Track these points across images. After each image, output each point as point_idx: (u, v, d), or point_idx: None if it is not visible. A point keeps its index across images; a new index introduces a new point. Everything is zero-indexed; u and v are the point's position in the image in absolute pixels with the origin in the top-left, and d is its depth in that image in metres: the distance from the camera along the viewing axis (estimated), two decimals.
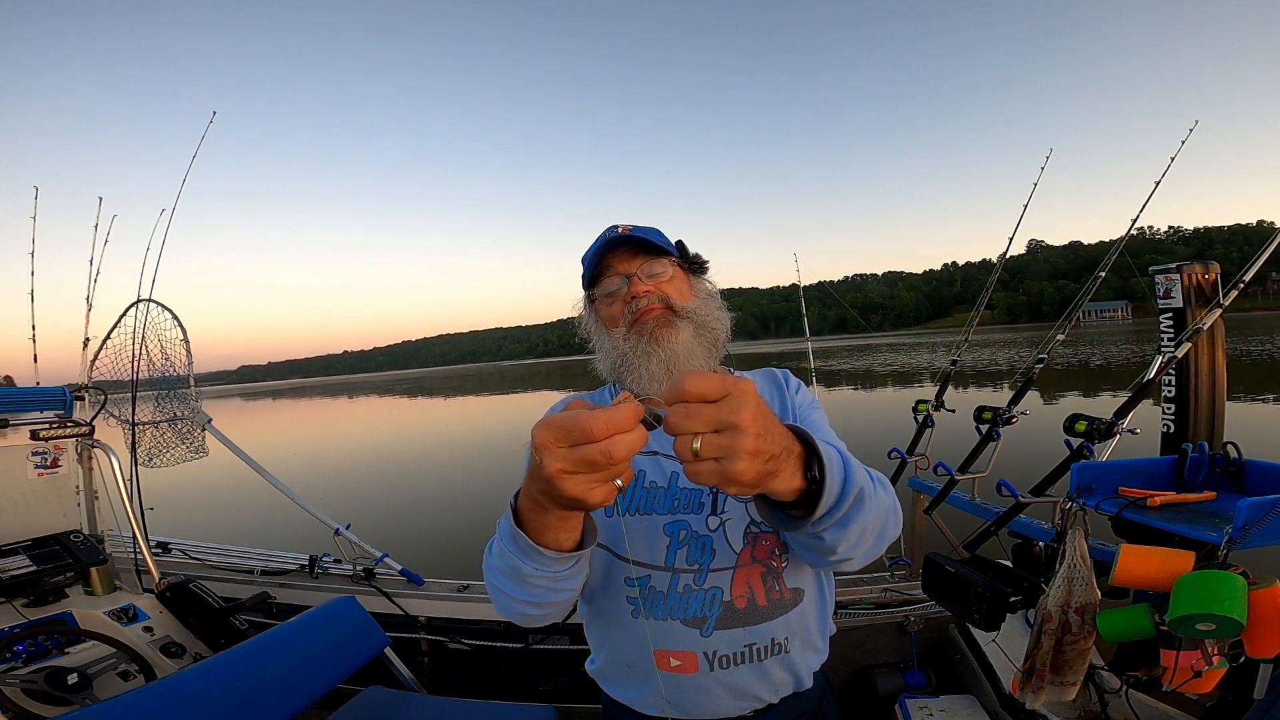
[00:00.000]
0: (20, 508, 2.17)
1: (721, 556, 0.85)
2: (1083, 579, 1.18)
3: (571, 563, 0.68)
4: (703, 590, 0.84)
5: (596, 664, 0.98)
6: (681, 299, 0.92)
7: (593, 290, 0.95)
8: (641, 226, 0.94)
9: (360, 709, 1.70)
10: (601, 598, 0.90)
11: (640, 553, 0.86)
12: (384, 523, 6.96)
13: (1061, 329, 2.48)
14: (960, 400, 2.87)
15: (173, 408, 2.69)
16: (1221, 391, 2.05)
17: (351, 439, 18.73)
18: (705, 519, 0.87)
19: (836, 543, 0.64)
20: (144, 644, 1.92)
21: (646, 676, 0.88)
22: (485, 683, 2.23)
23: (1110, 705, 1.43)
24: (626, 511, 0.88)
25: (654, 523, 0.87)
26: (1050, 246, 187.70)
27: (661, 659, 0.85)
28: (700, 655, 0.84)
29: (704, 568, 0.85)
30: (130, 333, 2.63)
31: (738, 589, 0.85)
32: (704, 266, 1.00)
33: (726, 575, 0.85)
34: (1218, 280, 2.01)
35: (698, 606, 0.84)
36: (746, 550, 0.86)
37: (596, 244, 0.94)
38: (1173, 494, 1.48)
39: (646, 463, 0.91)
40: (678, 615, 0.84)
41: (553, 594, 0.71)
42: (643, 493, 0.89)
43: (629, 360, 0.89)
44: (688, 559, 0.85)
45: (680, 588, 0.85)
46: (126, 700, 1.33)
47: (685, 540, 0.86)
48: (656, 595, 0.85)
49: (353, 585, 2.38)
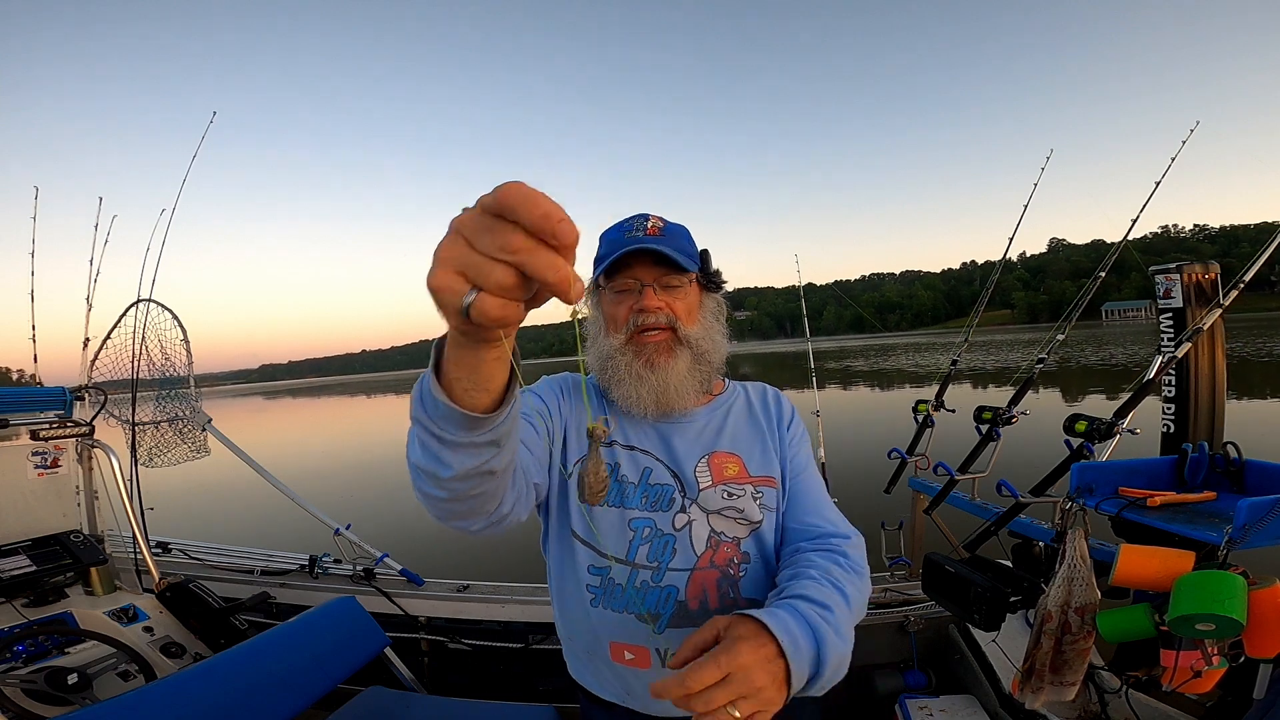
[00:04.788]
0: (20, 508, 2.17)
1: (682, 557, 0.86)
2: (1083, 579, 1.18)
3: (488, 429, 0.55)
4: (659, 588, 0.85)
5: (565, 645, 0.98)
6: (689, 321, 0.91)
7: (604, 280, 0.93)
8: (672, 226, 0.93)
9: (360, 709, 1.70)
10: (566, 581, 0.92)
11: (602, 542, 0.87)
12: (384, 523, 6.95)
13: (1061, 330, 2.48)
14: (975, 399, 2.86)
15: (173, 408, 2.69)
16: (1221, 391, 2.05)
17: (353, 438, 18.73)
18: (673, 517, 0.88)
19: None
20: (144, 644, 1.92)
21: (603, 667, 0.89)
22: (485, 683, 2.23)
23: (1110, 705, 1.43)
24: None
25: (622, 516, 0.88)
26: (1072, 245, 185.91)
27: (616, 651, 0.87)
28: (653, 651, 0.85)
29: (663, 566, 0.86)
30: (130, 333, 2.62)
31: (693, 590, 0.85)
32: (720, 285, 0.99)
33: (683, 576, 0.86)
34: (1218, 280, 2.01)
35: (652, 603, 0.85)
36: (707, 554, 0.87)
37: (620, 236, 0.90)
38: (1173, 494, 1.48)
39: (623, 455, 0.92)
40: (633, 610, 0.85)
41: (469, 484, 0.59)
42: (615, 485, 0.89)
43: (620, 375, 0.90)
44: (648, 556, 0.87)
45: (638, 583, 0.86)
46: (126, 700, 1.33)
47: (649, 537, 0.87)
48: (615, 588, 0.86)
49: (353, 585, 2.38)
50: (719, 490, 0.90)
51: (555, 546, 0.94)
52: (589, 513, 0.89)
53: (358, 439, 18.50)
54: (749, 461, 0.94)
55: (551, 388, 0.97)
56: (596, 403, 0.98)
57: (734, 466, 0.93)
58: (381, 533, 5.83)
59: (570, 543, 0.90)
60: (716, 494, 0.90)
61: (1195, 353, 1.97)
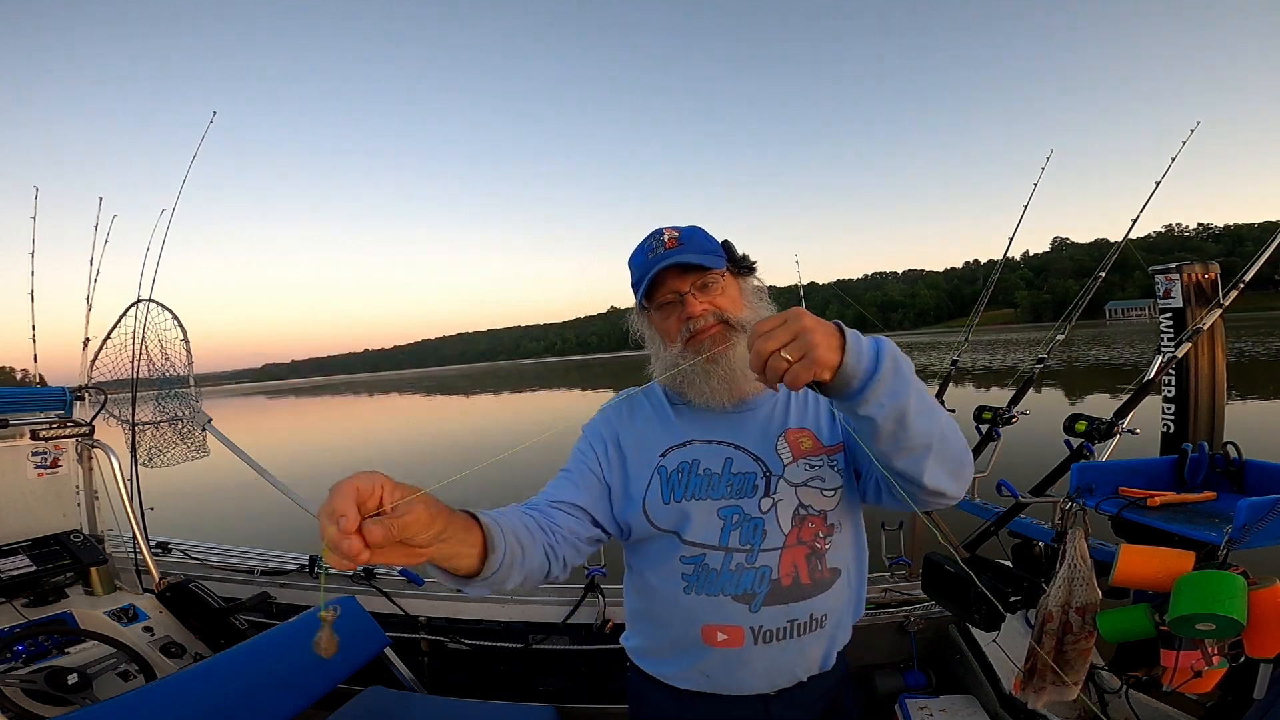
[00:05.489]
0: (20, 508, 2.17)
1: (771, 537, 0.92)
2: (1083, 579, 1.18)
3: (478, 582, 0.73)
4: (753, 568, 0.91)
5: (634, 641, 1.06)
6: (735, 310, 0.96)
7: (646, 301, 0.98)
8: (687, 231, 0.97)
9: (360, 709, 1.70)
10: (654, 576, 0.97)
11: (696, 534, 0.93)
12: None
13: (1061, 330, 2.48)
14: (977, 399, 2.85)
15: (173, 408, 2.69)
16: (1221, 391, 2.05)
17: (356, 438, 18.73)
18: (758, 502, 0.93)
19: (893, 420, 0.70)
20: (144, 644, 1.92)
21: (689, 651, 0.95)
22: (485, 683, 2.23)
23: (1110, 705, 1.43)
24: (685, 497, 0.94)
25: (709, 507, 0.93)
26: (1076, 244, 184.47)
27: (709, 634, 0.92)
28: (747, 630, 0.91)
29: (755, 548, 0.92)
30: (130, 333, 2.62)
31: (785, 567, 0.91)
32: (752, 267, 1.03)
33: (775, 555, 0.91)
34: (1217, 280, 2.01)
35: (748, 583, 0.91)
36: (794, 532, 0.93)
37: (645, 258, 0.96)
38: (1173, 494, 1.48)
39: (701, 450, 0.97)
40: (729, 591, 0.91)
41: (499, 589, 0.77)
42: (698, 479, 0.95)
43: (689, 376, 0.95)
44: (740, 539, 0.92)
45: (733, 566, 0.91)
46: (126, 700, 1.33)
47: (738, 523, 0.92)
48: (710, 573, 0.92)
49: (353, 585, 2.38)
50: (801, 465, 0.96)
51: (640, 549, 0.99)
52: (679, 508, 0.94)
53: (359, 438, 18.51)
54: (819, 433, 0.99)
55: (595, 438, 1.02)
56: (661, 413, 1.03)
57: (808, 440, 0.98)
58: None
59: (658, 541, 0.95)
60: (799, 469, 0.95)
61: (1195, 353, 1.97)
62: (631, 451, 0.99)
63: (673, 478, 0.95)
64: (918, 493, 0.80)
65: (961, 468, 0.81)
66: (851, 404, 0.71)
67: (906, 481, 0.79)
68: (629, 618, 1.08)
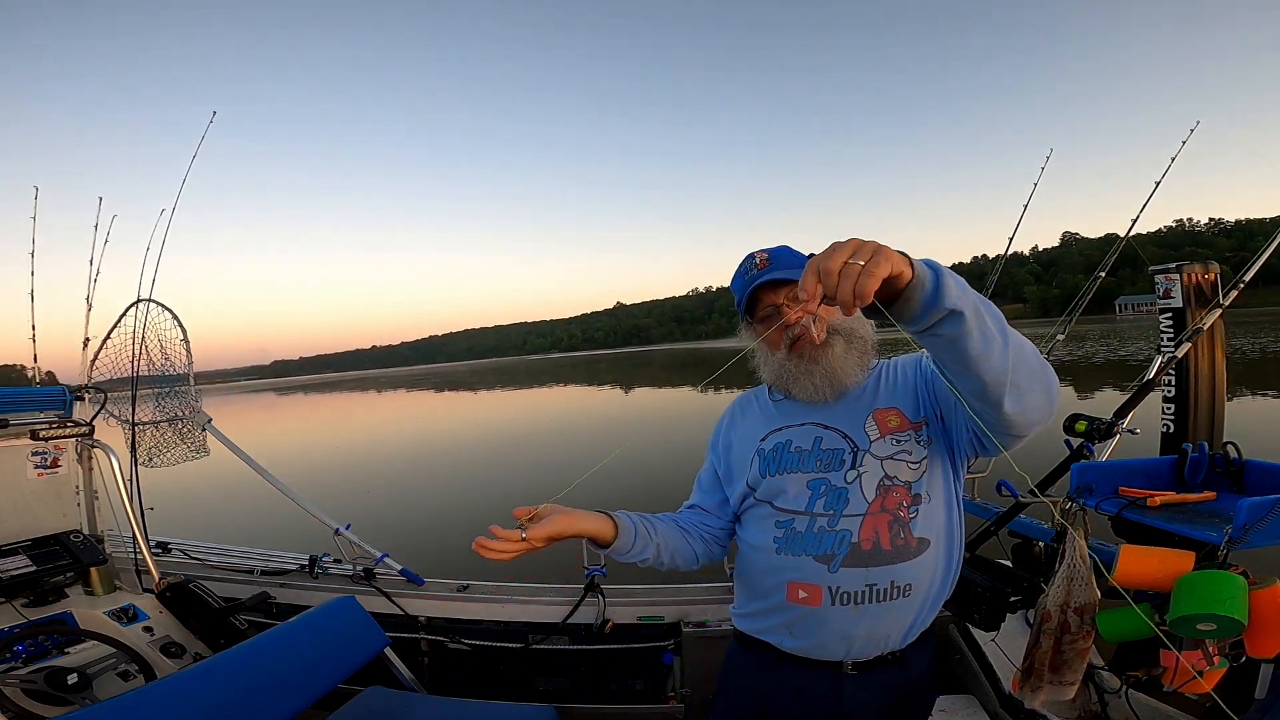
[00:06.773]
0: (20, 508, 2.17)
1: (854, 505, 0.99)
2: (1083, 579, 1.18)
3: (621, 549, 1.04)
4: (834, 532, 0.99)
5: (737, 606, 1.18)
6: (828, 313, 1.04)
7: (750, 317, 1.10)
8: (775, 252, 1.08)
9: (360, 709, 1.70)
10: (753, 537, 1.09)
11: (787, 502, 1.04)
12: (384, 522, 6.95)
13: (1063, 329, 2.48)
14: None
15: (173, 407, 2.68)
16: (1221, 391, 2.05)
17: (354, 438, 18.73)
18: (844, 474, 1.02)
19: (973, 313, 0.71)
20: (144, 644, 1.91)
21: (776, 608, 1.04)
22: (485, 683, 2.23)
23: (1110, 705, 1.43)
24: (778, 471, 1.06)
25: (800, 479, 1.04)
26: (1085, 239, 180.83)
27: (792, 591, 1.01)
28: (825, 589, 0.98)
29: (838, 513, 0.99)
30: (130, 333, 2.62)
31: (865, 533, 0.98)
32: None
33: (856, 520, 0.98)
34: (1217, 280, 2.01)
35: (829, 545, 0.98)
36: (878, 501, 0.99)
37: (740, 281, 1.09)
38: (1173, 494, 1.48)
39: (794, 432, 1.08)
40: (811, 552, 0.99)
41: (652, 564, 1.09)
42: (791, 456, 1.06)
43: (795, 378, 1.05)
44: (824, 506, 1.01)
45: (816, 529, 1.00)
46: (126, 700, 1.33)
47: (824, 493, 1.02)
48: (796, 535, 1.02)
49: (353, 585, 2.38)
50: (888, 440, 1.03)
51: (744, 519, 1.14)
52: (774, 480, 1.06)
53: (359, 439, 18.50)
54: (906, 410, 1.06)
55: (713, 445, 1.23)
56: (765, 408, 1.18)
57: (895, 418, 1.05)
58: (381, 532, 5.82)
59: (757, 509, 1.09)
60: (886, 444, 1.02)
61: (1195, 353, 1.97)
62: (739, 442, 1.16)
63: (769, 456, 1.08)
64: (1010, 414, 0.78)
65: (1045, 368, 0.81)
66: (932, 306, 0.69)
67: (995, 409, 0.79)
68: (736, 589, 1.19)
